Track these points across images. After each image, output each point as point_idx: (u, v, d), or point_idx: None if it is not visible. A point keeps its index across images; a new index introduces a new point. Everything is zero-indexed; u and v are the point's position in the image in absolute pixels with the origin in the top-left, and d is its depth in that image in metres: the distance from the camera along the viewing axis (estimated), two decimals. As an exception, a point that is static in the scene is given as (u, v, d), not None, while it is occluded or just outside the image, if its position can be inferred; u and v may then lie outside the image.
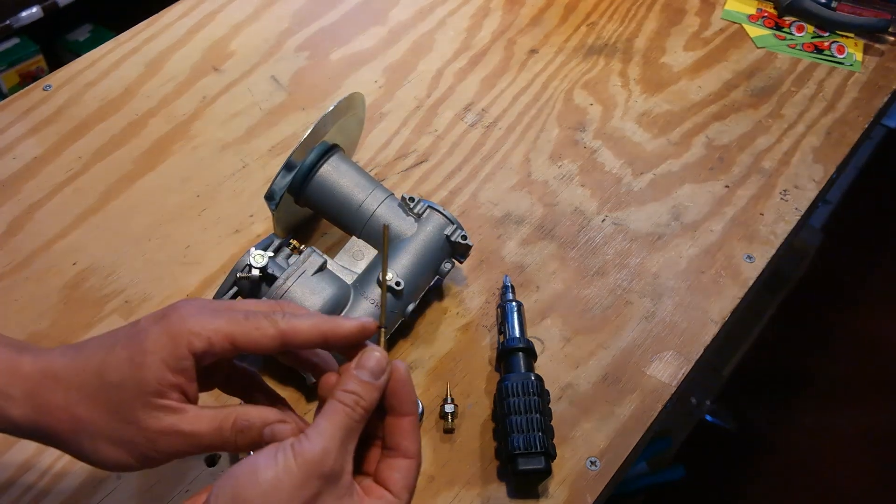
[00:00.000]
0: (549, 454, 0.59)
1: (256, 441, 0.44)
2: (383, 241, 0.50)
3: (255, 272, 0.61)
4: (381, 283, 0.48)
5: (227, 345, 0.44)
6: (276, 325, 0.45)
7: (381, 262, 0.49)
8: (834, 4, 1.02)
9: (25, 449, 0.61)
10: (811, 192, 0.82)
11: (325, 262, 0.63)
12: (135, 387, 0.43)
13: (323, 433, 0.42)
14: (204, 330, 0.44)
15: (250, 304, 0.48)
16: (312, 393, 0.65)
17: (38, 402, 0.44)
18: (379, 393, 0.44)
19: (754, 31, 1.01)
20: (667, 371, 0.68)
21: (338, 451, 0.42)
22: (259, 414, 0.45)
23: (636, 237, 0.78)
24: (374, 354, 0.45)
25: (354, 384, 0.44)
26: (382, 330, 0.47)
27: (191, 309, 0.44)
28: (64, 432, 0.44)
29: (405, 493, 0.45)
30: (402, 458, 0.45)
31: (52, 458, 0.61)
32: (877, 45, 0.99)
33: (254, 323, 0.44)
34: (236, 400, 0.50)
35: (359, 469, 0.46)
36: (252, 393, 0.50)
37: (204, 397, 0.47)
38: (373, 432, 0.47)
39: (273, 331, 0.45)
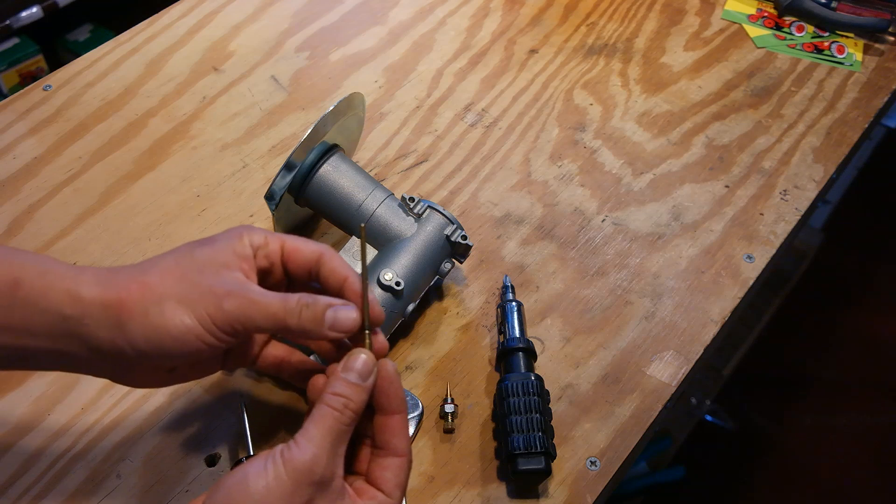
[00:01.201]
0: (549, 454, 0.59)
1: (319, 320, 0.45)
2: (361, 241, 0.49)
3: (255, 272, 0.61)
4: (363, 285, 0.48)
5: (277, 248, 0.48)
6: (320, 244, 0.49)
7: (361, 264, 0.49)
8: (834, 4, 1.02)
9: (26, 448, 0.61)
10: (811, 192, 0.82)
11: (325, 262, 0.63)
12: (205, 259, 0.45)
13: (312, 439, 0.42)
14: (259, 230, 0.48)
15: None
16: (312, 393, 0.65)
17: (107, 279, 0.44)
18: (367, 395, 0.45)
19: (754, 31, 1.01)
20: (667, 371, 0.68)
21: (328, 456, 0.42)
22: (324, 296, 0.46)
23: (636, 237, 0.78)
24: (361, 356, 0.45)
25: (342, 386, 0.44)
26: (367, 332, 0.47)
27: (247, 225, 0.48)
28: (131, 301, 0.43)
29: (397, 491, 0.45)
30: (393, 457, 0.45)
31: (53, 458, 0.61)
32: (877, 45, 0.99)
33: (301, 238, 0.49)
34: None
35: (350, 468, 0.46)
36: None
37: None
38: (362, 431, 0.47)
39: (316, 245, 0.48)
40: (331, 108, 0.66)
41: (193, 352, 0.44)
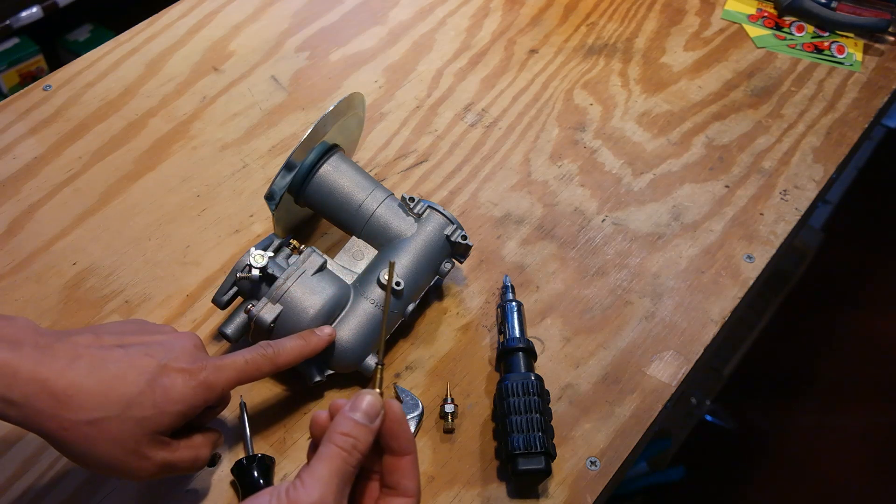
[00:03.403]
0: (549, 454, 0.59)
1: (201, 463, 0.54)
2: (388, 278, 0.51)
3: (255, 272, 0.61)
4: (383, 322, 0.48)
5: (231, 388, 0.54)
6: (272, 362, 0.55)
7: (385, 301, 0.50)
8: (834, 4, 1.02)
9: (25, 449, 0.61)
10: (811, 192, 0.82)
11: (325, 262, 0.63)
12: (152, 427, 0.49)
13: (319, 480, 0.42)
14: (218, 382, 0.52)
15: (244, 352, 0.55)
16: (313, 394, 0.65)
17: (50, 413, 0.47)
18: (374, 436, 0.45)
19: (754, 31, 1.01)
20: (667, 371, 0.68)
21: (334, 499, 0.42)
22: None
23: (636, 237, 0.78)
24: (367, 397, 0.45)
25: (350, 426, 0.44)
26: (380, 367, 0.48)
27: (209, 367, 0.52)
28: (67, 439, 0.48)
29: None
30: (402, 498, 0.46)
31: (52, 459, 0.61)
32: (877, 45, 0.99)
33: (253, 366, 0.54)
34: None
35: (354, 503, 0.46)
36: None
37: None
38: (369, 466, 0.47)
39: (268, 368, 0.55)
40: (331, 108, 0.66)
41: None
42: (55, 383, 0.47)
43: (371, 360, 0.63)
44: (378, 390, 0.46)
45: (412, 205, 0.67)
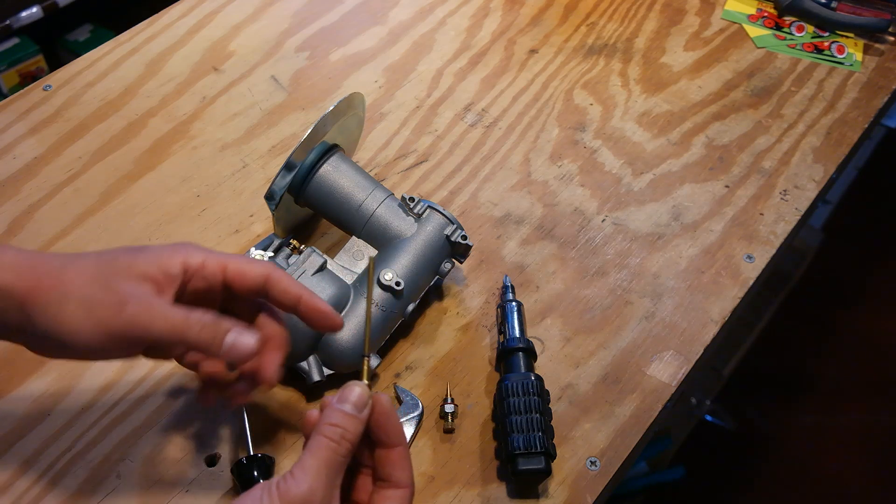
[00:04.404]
0: (549, 454, 0.59)
1: (217, 341, 0.47)
2: (369, 271, 0.51)
3: (255, 272, 0.61)
4: (367, 315, 0.49)
5: (218, 271, 0.49)
6: (266, 264, 0.50)
7: (367, 293, 0.50)
8: (834, 4, 1.02)
9: (25, 448, 0.61)
10: (811, 192, 0.82)
11: (325, 262, 0.63)
12: (124, 266, 0.47)
13: (308, 472, 0.42)
14: (201, 251, 0.49)
15: None
16: (313, 393, 0.65)
17: (26, 267, 0.46)
18: (362, 426, 0.45)
19: (754, 30, 1.01)
20: (667, 371, 0.68)
21: (324, 489, 0.42)
22: (229, 319, 0.48)
23: (636, 237, 0.78)
24: (356, 388, 0.45)
25: (339, 417, 0.44)
26: (365, 359, 0.48)
27: (193, 243, 0.50)
28: (38, 294, 0.46)
29: None
30: (395, 489, 0.46)
31: (52, 458, 0.61)
32: (877, 45, 0.99)
33: (247, 258, 0.50)
34: None
35: (348, 497, 0.46)
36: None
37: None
38: (360, 460, 0.47)
39: (262, 267, 0.50)
40: (331, 108, 0.66)
41: (90, 352, 0.46)
42: (30, 254, 0.48)
43: (372, 361, 0.63)
44: (365, 382, 0.47)
45: (412, 205, 0.67)
